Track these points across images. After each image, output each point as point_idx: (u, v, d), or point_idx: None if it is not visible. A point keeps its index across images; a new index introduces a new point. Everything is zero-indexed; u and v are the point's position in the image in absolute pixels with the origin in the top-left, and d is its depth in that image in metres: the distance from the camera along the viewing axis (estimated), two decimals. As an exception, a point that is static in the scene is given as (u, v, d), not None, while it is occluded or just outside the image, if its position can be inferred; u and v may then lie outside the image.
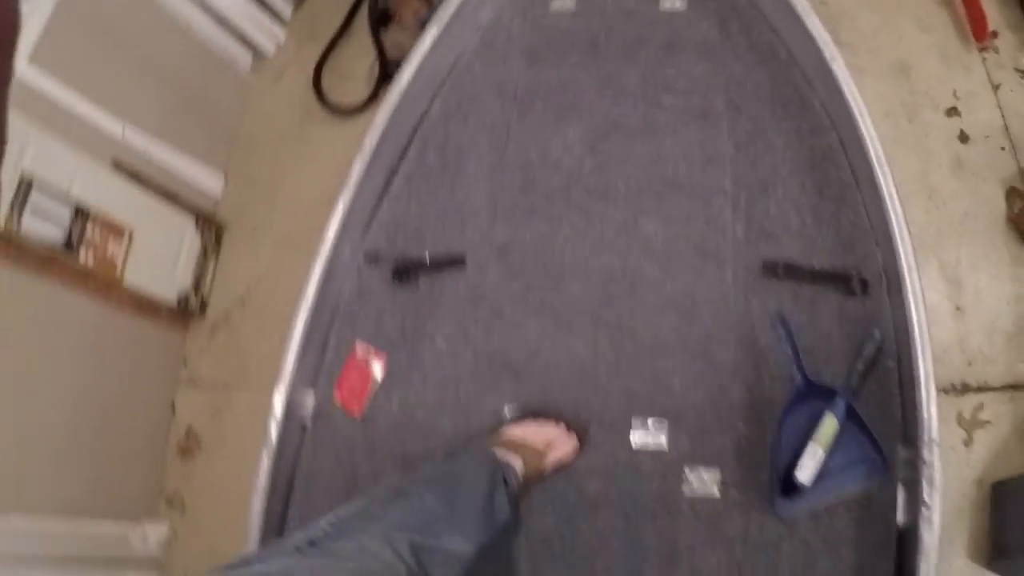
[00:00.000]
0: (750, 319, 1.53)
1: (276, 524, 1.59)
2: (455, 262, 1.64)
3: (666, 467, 1.47)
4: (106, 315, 2.25)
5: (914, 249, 1.46)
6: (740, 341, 1.52)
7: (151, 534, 2.36)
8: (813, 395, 1.46)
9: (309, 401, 1.64)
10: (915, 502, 1.35)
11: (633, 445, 1.49)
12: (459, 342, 1.61)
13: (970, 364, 1.85)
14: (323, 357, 1.66)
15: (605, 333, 1.55)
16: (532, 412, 1.49)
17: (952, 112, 2.16)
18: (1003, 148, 2.07)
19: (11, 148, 1.96)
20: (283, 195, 2.46)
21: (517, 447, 1.38)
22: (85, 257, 2.12)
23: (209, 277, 2.46)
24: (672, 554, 1.44)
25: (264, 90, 2.68)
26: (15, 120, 1.95)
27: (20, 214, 1.97)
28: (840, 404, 1.41)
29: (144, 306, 2.33)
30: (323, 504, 1.59)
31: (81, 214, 2.11)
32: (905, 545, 1.36)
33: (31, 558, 2.08)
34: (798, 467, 1.38)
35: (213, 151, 2.54)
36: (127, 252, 2.23)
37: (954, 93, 2.16)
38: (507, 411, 1.54)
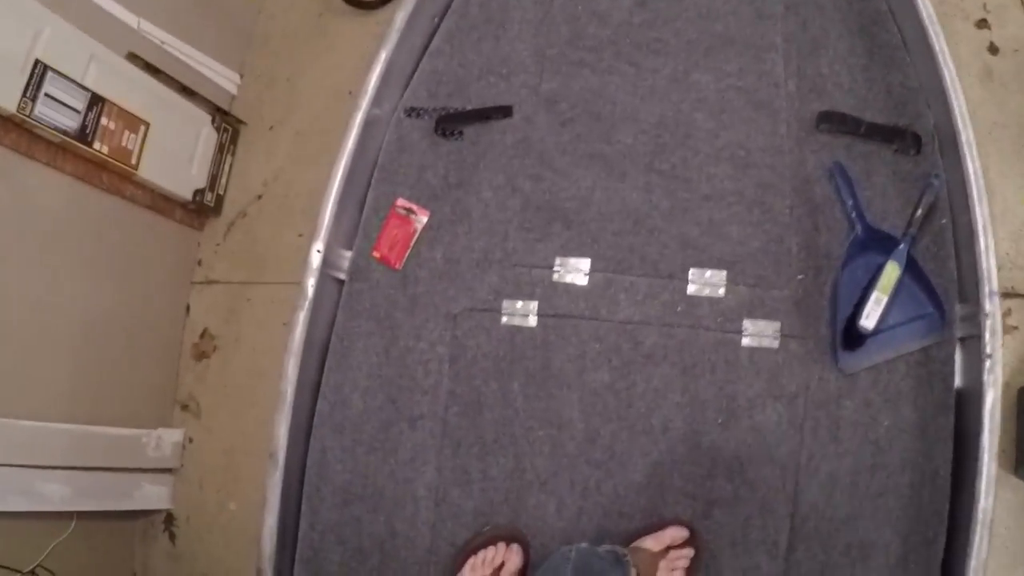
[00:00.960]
0: (805, 171, 1.45)
1: (310, 391, 1.50)
2: (501, 112, 1.55)
3: (724, 318, 1.39)
4: (120, 209, 2.13)
5: (967, 105, 1.40)
6: (796, 192, 1.44)
7: (166, 440, 2.26)
8: (872, 245, 1.38)
9: (346, 259, 1.54)
10: (974, 362, 1.28)
11: (690, 294, 1.41)
12: (507, 192, 1.51)
13: (998, 269, 1.81)
14: (361, 215, 1.56)
15: (659, 181, 1.46)
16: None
17: (982, 24, 2.10)
18: (1033, 62, 2.04)
19: (25, 33, 1.84)
20: (301, 91, 2.34)
21: None
22: (100, 147, 2.00)
23: (225, 175, 2.34)
24: (732, 409, 1.35)
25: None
26: (29, 3, 1.82)
27: (34, 99, 1.84)
28: (902, 250, 1.33)
29: (158, 202, 2.21)
30: (360, 370, 1.50)
31: (96, 103, 1.99)
32: (963, 407, 1.31)
33: (44, 466, 1.98)
34: (863, 315, 1.30)
35: (228, 48, 2.40)
36: (143, 144, 2.11)
37: (984, 6, 2.10)
38: (558, 264, 1.45)
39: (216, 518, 2.24)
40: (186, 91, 2.22)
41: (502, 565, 1.34)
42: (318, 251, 1.47)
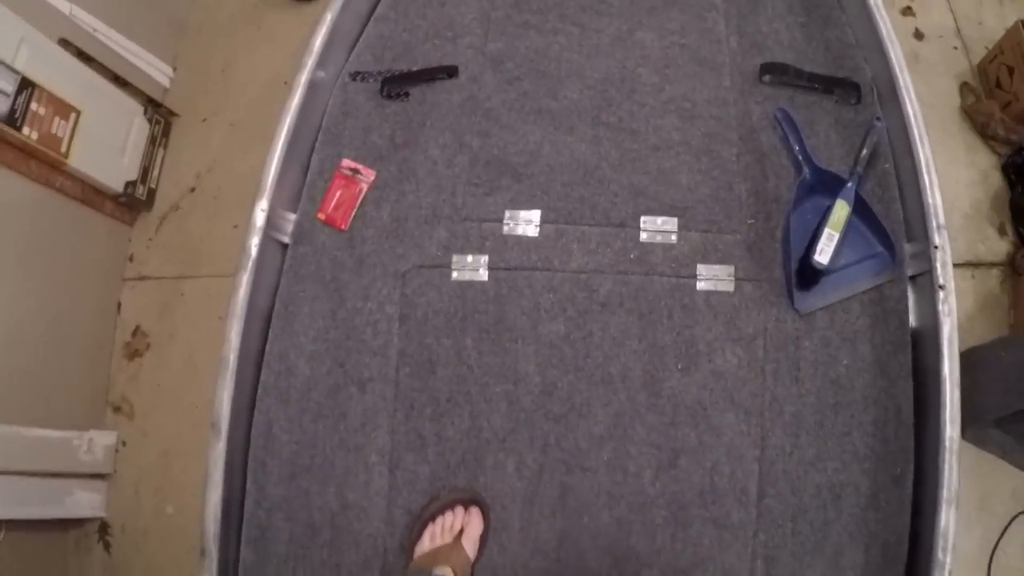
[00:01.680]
0: (750, 120, 1.42)
1: (253, 363, 1.39)
2: (447, 72, 1.48)
3: (677, 263, 1.34)
4: (49, 200, 1.98)
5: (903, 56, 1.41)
6: (743, 140, 1.40)
7: (98, 443, 2.09)
8: (820, 187, 1.35)
9: (290, 222, 1.44)
10: (928, 300, 1.26)
11: (642, 240, 1.36)
12: (454, 149, 1.43)
13: (933, 245, 1.85)
14: (304, 179, 1.47)
15: (607, 133, 1.41)
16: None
17: (907, 12, 2.18)
18: (955, 48, 2.12)
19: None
20: (235, 83, 2.24)
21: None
22: (29, 132, 1.86)
23: (157, 167, 2.21)
24: (691, 354, 1.30)
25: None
26: (-43, -18, 1.70)
27: None
28: (850, 188, 1.31)
29: (89, 194, 2.07)
30: (306, 335, 1.40)
31: (26, 87, 1.85)
32: (921, 347, 1.28)
33: None
34: (815, 251, 1.27)
35: (161, 39, 2.29)
36: (73, 133, 1.97)
37: (909, -6, 2.18)
38: (507, 217, 1.39)
39: (153, 524, 2.07)
40: (118, 80, 2.10)
41: (462, 531, 1.24)
42: (262, 210, 1.37)
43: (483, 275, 1.35)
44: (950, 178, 1.94)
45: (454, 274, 1.36)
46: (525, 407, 1.30)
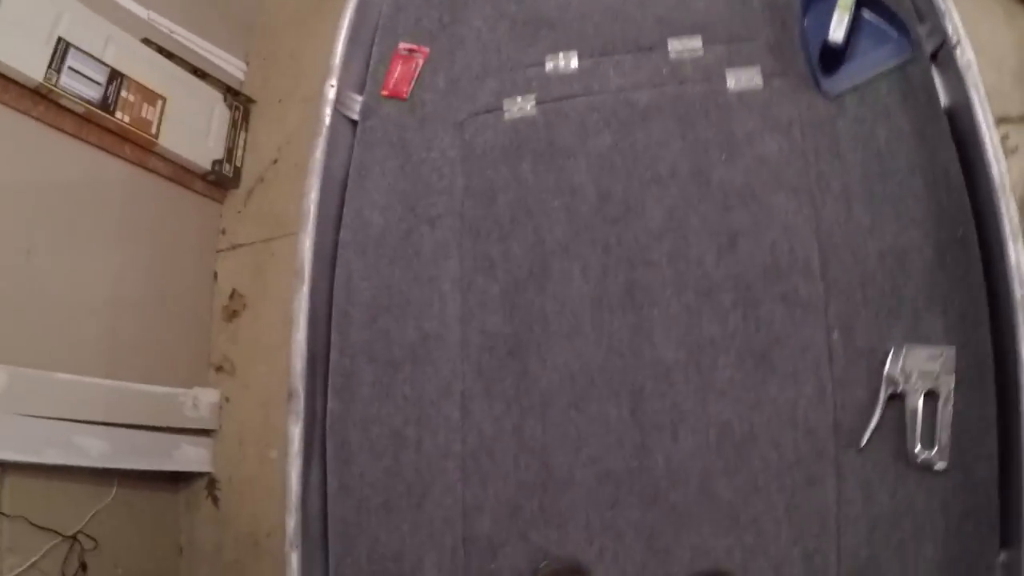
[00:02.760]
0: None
1: (332, 223, 1.45)
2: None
3: (707, 69, 1.33)
4: (143, 179, 2.14)
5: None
6: None
7: (202, 400, 2.17)
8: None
9: (358, 102, 1.53)
10: (952, 72, 1.24)
11: (671, 56, 1.38)
12: (495, 18, 1.49)
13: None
14: (367, 68, 1.56)
15: None
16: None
17: None
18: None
19: (47, 13, 1.93)
20: (305, 64, 2.40)
21: None
22: (122, 116, 2.04)
23: (240, 148, 2.36)
24: (732, 145, 1.28)
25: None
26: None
27: (59, 72, 1.90)
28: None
29: (179, 173, 2.22)
30: (378, 192, 1.45)
31: (116, 77, 2.04)
32: (956, 118, 1.25)
33: (81, 420, 1.89)
34: (830, 31, 1.28)
35: (234, 38, 2.48)
36: (161, 117, 2.14)
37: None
38: (548, 59, 1.44)
39: (258, 471, 2.11)
40: (198, 73, 2.28)
41: None
42: (331, 86, 1.46)
43: (532, 111, 1.39)
44: (994, 43, 1.90)
45: (506, 115, 1.40)
46: (583, 214, 1.31)
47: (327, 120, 1.43)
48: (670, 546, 1.16)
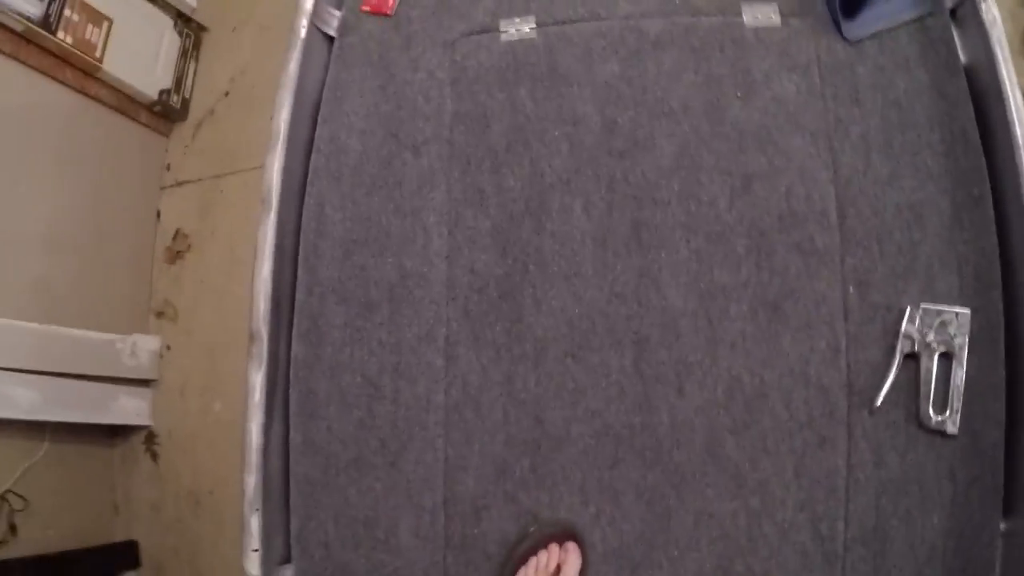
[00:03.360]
0: None
1: (303, 147, 1.25)
2: None
3: (722, 2, 1.21)
4: (84, 107, 1.88)
5: None
6: None
7: (141, 347, 1.93)
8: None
9: (335, 17, 1.32)
10: (972, 29, 1.14)
11: None
12: None
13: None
14: None
15: None
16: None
17: None
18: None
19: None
20: (263, -10, 2.16)
21: None
22: (64, 36, 1.77)
23: (190, 78, 2.10)
24: (749, 83, 1.15)
25: None
26: None
27: None
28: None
29: (124, 103, 1.96)
30: (356, 114, 1.25)
31: (60, -7, 1.78)
32: (975, 81, 1.14)
33: (10, 368, 1.65)
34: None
35: None
36: (106, 40, 1.87)
37: None
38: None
39: (200, 425, 1.90)
40: (149, -7, 2.01)
41: (558, 569, 1.02)
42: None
43: (531, 33, 1.22)
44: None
45: (502, 36, 1.23)
46: (587, 146, 1.15)
47: (302, 32, 1.23)
48: (672, 509, 1.04)
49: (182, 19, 2.06)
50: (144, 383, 1.93)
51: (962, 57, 1.13)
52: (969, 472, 0.99)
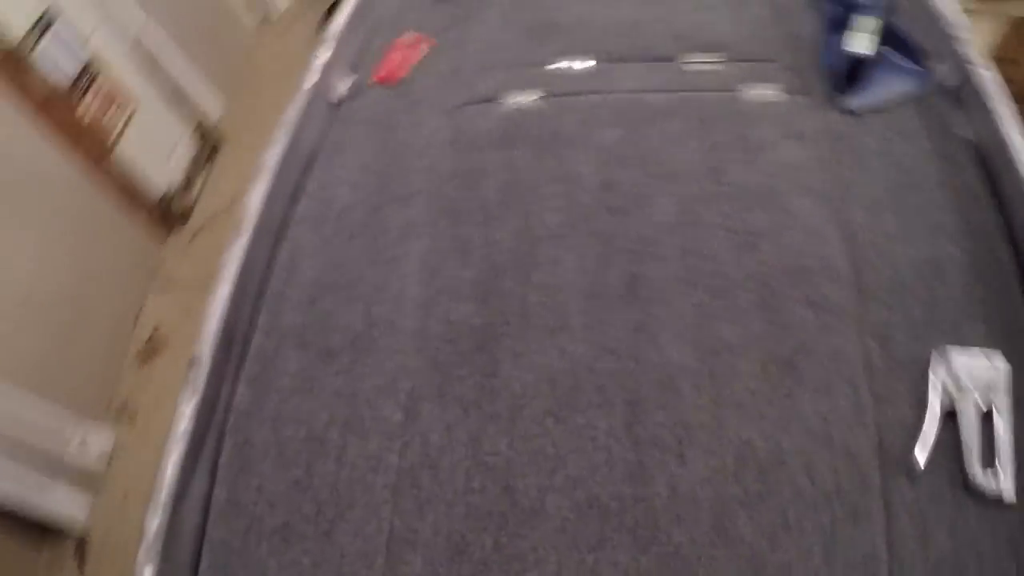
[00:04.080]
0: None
1: (286, 200, 1.15)
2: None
3: (725, 82, 1.15)
4: (90, 190, 1.83)
5: None
6: None
7: (92, 441, 1.71)
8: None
9: (345, 83, 1.28)
10: (976, 108, 1.09)
11: (688, 68, 1.19)
12: (511, 15, 1.33)
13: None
14: (363, 53, 1.33)
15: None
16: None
17: None
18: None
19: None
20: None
21: None
22: (85, 110, 1.77)
23: (198, 186, 2.07)
24: (753, 148, 1.07)
25: (271, 41, 2.48)
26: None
27: (38, 40, 1.66)
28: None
29: (128, 193, 1.91)
30: (351, 167, 1.16)
31: (93, 67, 1.80)
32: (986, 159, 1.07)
33: None
34: (856, 46, 1.12)
35: (220, 74, 2.27)
36: (125, 124, 1.87)
37: None
38: (560, 61, 1.23)
39: (138, 538, 1.61)
40: (176, 94, 2.04)
41: None
42: (316, 56, 1.24)
43: (535, 102, 1.17)
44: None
45: (503, 105, 1.17)
46: (583, 202, 1.04)
47: (307, 86, 1.17)
48: (673, 604, 0.78)
49: (202, 127, 2.06)
50: (87, 483, 1.67)
51: (968, 133, 1.07)
52: None
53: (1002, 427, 0.81)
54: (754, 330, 0.91)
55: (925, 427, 0.83)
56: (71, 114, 1.69)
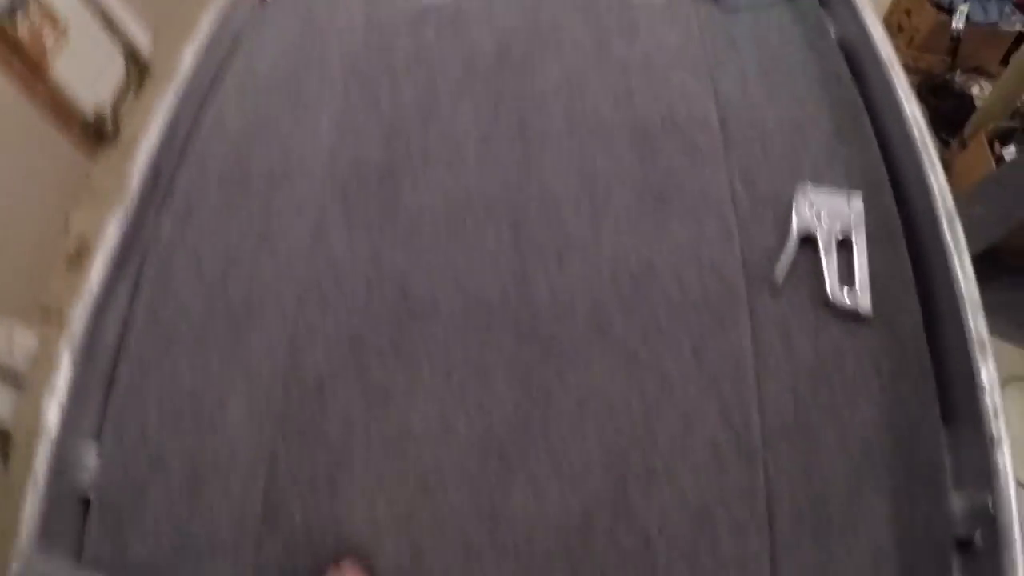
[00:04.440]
0: None
1: (211, 75, 1.20)
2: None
3: None
4: (25, 107, 1.82)
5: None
6: None
7: (18, 340, 1.71)
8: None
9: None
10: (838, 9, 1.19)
11: None
12: None
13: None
14: None
15: None
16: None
17: None
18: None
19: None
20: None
21: None
22: (21, 30, 1.76)
23: (126, 107, 2.08)
24: (632, 29, 1.13)
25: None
26: None
27: None
28: None
29: (62, 111, 1.91)
30: (271, 49, 1.21)
31: (26, -7, 1.80)
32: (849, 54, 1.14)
33: None
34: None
35: (150, 7, 2.26)
36: (59, 45, 1.87)
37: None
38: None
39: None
40: (106, 20, 2.04)
41: None
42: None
43: None
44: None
45: None
46: (480, 67, 1.13)
47: None
48: (551, 386, 0.86)
49: (132, 57, 2.07)
50: (12, 381, 1.67)
51: (833, 30, 1.16)
52: (893, 363, 0.84)
53: (857, 252, 0.89)
54: (630, 168, 1.00)
55: (786, 249, 0.91)
56: (9, 32, 1.69)
